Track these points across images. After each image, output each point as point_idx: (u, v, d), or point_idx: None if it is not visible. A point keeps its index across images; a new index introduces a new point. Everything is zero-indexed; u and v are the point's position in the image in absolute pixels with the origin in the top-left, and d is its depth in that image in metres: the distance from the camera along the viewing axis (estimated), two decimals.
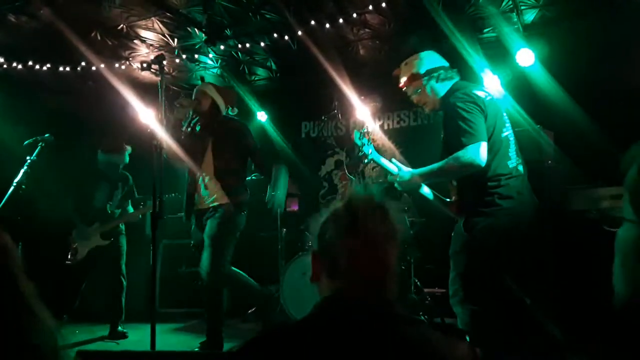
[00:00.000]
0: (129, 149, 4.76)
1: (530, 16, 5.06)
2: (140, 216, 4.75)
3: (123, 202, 4.73)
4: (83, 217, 4.50)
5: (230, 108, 3.92)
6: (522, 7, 4.89)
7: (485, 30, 5.32)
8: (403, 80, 2.81)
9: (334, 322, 1.08)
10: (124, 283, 4.53)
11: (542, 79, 4.92)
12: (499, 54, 5.23)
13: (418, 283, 4.58)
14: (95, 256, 4.46)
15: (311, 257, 1.23)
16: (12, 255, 1.12)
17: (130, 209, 4.76)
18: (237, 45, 5.66)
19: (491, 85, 5.04)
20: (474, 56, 4.85)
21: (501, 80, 5.15)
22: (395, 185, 2.73)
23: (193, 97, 3.81)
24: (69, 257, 4.40)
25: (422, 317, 4.14)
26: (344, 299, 1.11)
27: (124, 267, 4.58)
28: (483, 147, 2.39)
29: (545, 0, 4.77)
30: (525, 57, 4.97)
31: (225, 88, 4.22)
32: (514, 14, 4.98)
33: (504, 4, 4.85)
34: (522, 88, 5.06)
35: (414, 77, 2.74)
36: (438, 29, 4.75)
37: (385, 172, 2.81)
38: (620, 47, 4.62)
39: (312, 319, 1.12)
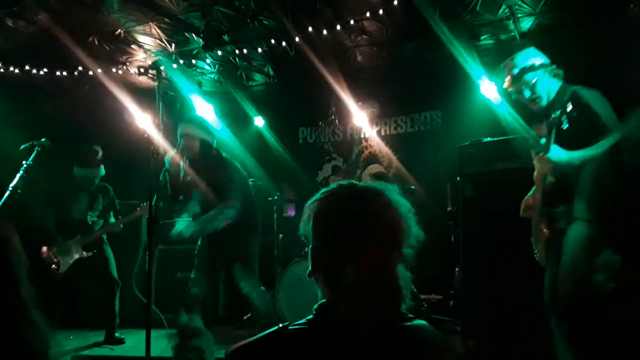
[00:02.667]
0: (101, 166, 4.73)
1: (526, 24, 5.09)
2: (121, 226, 4.68)
3: (105, 213, 4.71)
4: (62, 230, 4.47)
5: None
6: (519, 15, 4.92)
7: (482, 38, 5.35)
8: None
9: (332, 331, 1.04)
10: (116, 289, 4.51)
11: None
12: (496, 61, 5.25)
13: (414, 289, 4.58)
14: (80, 268, 4.43)
15: (310, 252, 1.16)
16: (13, 248, 1.15)
17: (112, 220, 4.73)
18: (235, 51, 5.68)
19: (488, 91, 5.07)
20: (471, 63, 4.87)
21: (498, 87, 5.17)
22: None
23: (180, 143, 3.71)
24: (51, 271, 4.36)
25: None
26: (343, 312, 1.05)
27: (114, 272, 4.56)
28: None
29: (542, 8, 4.80)
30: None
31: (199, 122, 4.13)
32: (511, 21, 5.00)
33: (500, 11, 4.88)
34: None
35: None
36: (435, 36, 4.77)
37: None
38: (616, 54, 4.65)
39: (309, 326, 1.09)
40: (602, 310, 0.84)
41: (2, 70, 5.60)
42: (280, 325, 1.10)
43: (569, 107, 2.57)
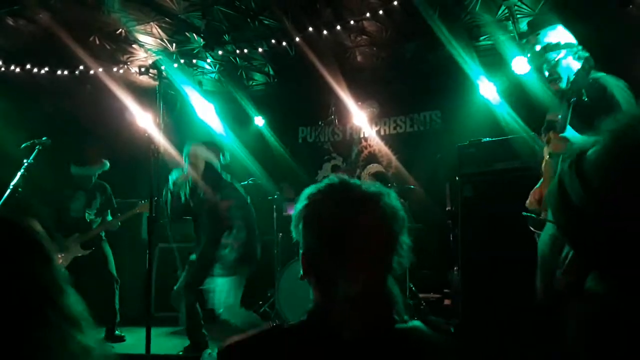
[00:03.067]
0: (106, 162, 4.75)
1: (525, 24, 5.11)
2: (119, 223, 4.72)
3: (102, 211, 4.73)
4: (60, 228, 4.49)
5: (222, 157, 3.92)
6: (518, 16, 4.94)
7: (482, 38, 5.36)
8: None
9: (323, 333, 1.04)
10: (115, 286, 4.53)
11: (538, 87, 4.95)
12: (495, 61, 5.28)
13: (413, 288, 4.60)
14: (79, 266, 4.45)
15: (301, 257, 1.15)
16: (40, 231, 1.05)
17: (109, 218, 4.75)
18: (235, 51, 5.69)
19: (487, 92, 5.09)
20: (470, 64, 4.89)
21: (497, 88, 5.20)
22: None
23: (186, 163, 3.75)
24: None
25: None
26: (335, 316, 1.04)
27: (113, 270, 4.59)
28: None
29: (541, 9, 4.82)
30: (521, 64, 5.01)
31: (209, 142, 4.15)
32: (510, 22, 5.02)
33: (499, 12, 4.90)
34: (517, 95, 5.10)
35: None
36: (434, 36, 4.79)
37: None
38: (614, 54, 4.66)
39: (302, 327, 1.08)
40: (561, 305, 0.84)
41: (3, 69, 5.62)
42: (275, 324, 1.11)
43: (587, 94, 2.51)
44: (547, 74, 2.68)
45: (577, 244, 0.75)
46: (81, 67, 5.74)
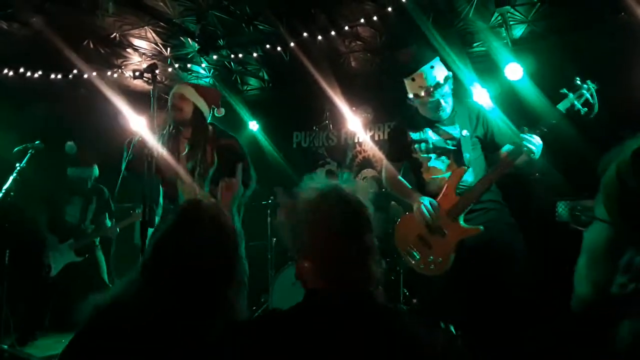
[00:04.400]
0: (96, 167, 4.72)
1: (518, 31, 5.15)
2: (118, 230, 4.64)
3: (99, 217, 4.69)
4: (56, 232, 4.46)
5: (214, 109, 3.43)
6: (511, 23, 4.98)
7: (475, 45, 5.40)
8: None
9: (318, 312, 1.13)
10: None
11: (531, 93, 4.99)
12: (488, 68, 5.31)
13: (407, 293, 4.60)
14: (71, 272, 4.41)
15: (299, 259, 1.25)
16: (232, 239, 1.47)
17: (108, 223, 4.70)
18: (230, 56, 5.70)
19: (481, 98, 5.11)
20: (463, 70, 4.92)
21: (490, 94, 5.22)
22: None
23: (170, 104, 3.20)
24: (43, 273, 4.34)
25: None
26: (329, 293, 1.15)
27: (105, 277, 4.56)
28: None
29: (534, 15, 4.86)
30: (514, 71, 5.05)
31: (205, 86, 3.74)
32: (503, 29, 5.06)
33: (493, 19, 4.94)
34: (510, 101, 5.13)
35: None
36: (428, 42, 4.82)
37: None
38: (607, 62, 4.70)
39: (298, 309, 1.17)
40: (623, 311, 0.84)
41: None
42: (273, 309, 1.20)
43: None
44: (442, 104, 2.84)
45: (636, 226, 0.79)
46: (75, 71, 5.72)
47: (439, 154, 2.89)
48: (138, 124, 4.29)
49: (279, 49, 5.38)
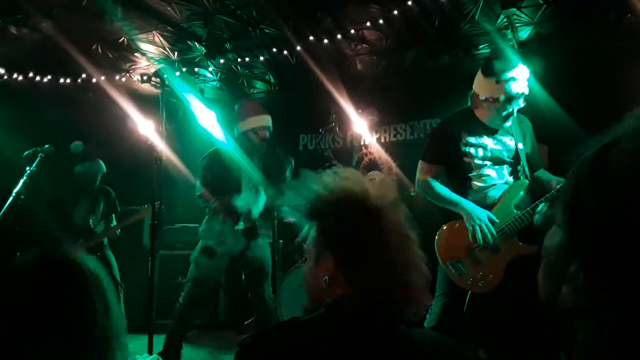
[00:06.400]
0: (102, 163, 4.77)
1: (524, 33, 5.15)
2: (119, 231, 4.72)
3: (107, 216, 4.74)
4: (65, 235, 4.50)
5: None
6: (517, 25, 4.98)
7: (481, 47, 5.41)
8: None
9: (342, 322, 1.09)
10: (120, 290, 4.55)
11: (537, 95, 4.99)
12: None
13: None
14: None
15: (327, 258, 1.19)
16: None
17: (114, 223, 4.76)
18: (237, 59, 5.73)
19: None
20: (469, 72, 4.91)
21: None
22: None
23: (253, 131, 4.26)
24: None
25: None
26: (356, 302, 1.11)
27: (117, 275, 4.60)
28: None
29: (540, 17, 4.86)
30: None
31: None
32: (509, 31, 5.06)
33: (499, 21, 4.93)
34: None
35: None
36: (434, 45, 4.83)
37: None
38: (613, 64, 4.70)
39: (321, 318, 1.12)
40: (564, 322, 0.83)
41: (6, 77, 5.66)
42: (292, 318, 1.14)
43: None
44: (514, 115, 2.75)
45: (582, 243, 0.75)
46: (83, 76, 5.78)
47: (495, 163, 2.75)
48: (146, 128, 4.34)
49: (285, 52, 5.41)
